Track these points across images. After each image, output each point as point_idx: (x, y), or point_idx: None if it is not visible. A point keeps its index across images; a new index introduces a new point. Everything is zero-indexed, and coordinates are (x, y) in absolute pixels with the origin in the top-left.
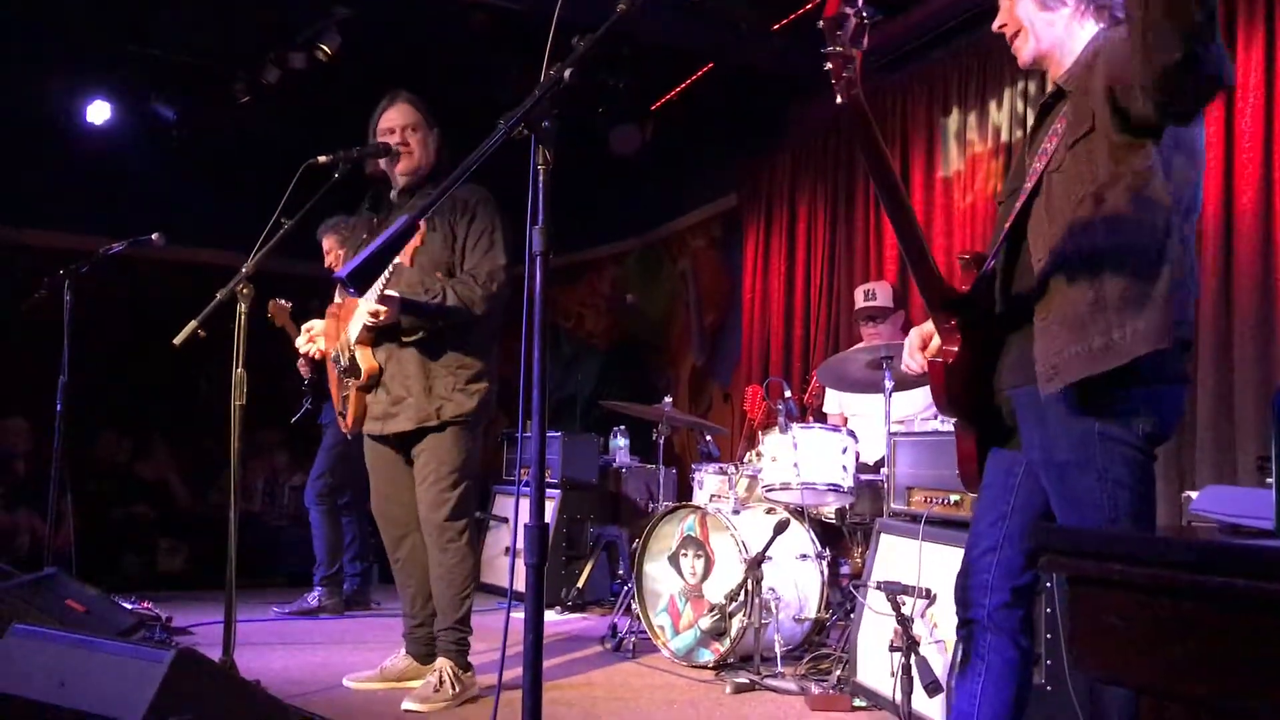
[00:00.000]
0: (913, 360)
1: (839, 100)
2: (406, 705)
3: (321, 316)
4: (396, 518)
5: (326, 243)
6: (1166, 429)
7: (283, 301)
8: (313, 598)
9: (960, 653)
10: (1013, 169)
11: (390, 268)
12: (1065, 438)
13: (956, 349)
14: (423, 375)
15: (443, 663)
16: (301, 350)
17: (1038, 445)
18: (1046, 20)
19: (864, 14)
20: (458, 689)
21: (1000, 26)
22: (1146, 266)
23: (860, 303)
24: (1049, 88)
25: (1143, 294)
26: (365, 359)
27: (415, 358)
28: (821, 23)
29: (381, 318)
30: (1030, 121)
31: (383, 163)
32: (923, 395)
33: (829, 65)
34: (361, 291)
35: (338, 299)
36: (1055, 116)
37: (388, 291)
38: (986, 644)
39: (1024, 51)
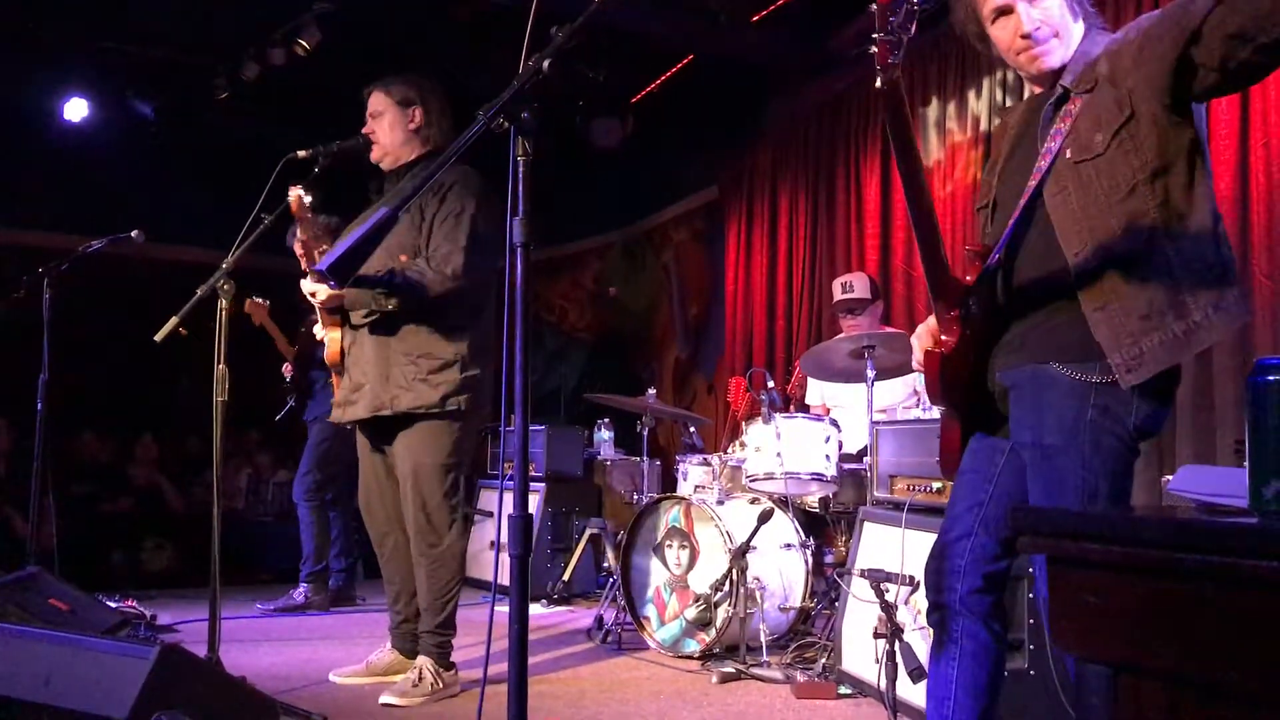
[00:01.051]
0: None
1: (878, 84)
2: (384, 699)
3: (302, 312)
4: (377, 513)
5: (299, 246)
6: (1157, 424)
7: (259, 299)
8: (299, 594)
9: (933, 637)
10: (994, 168)
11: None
12: (1057, 422)
13: (955, 339)
14: (380, 362)
15: (423, 660)
16: (318, 337)
17: (1029, 427)
18: (1069, 28)
19: (917, 2)
20: (438, 686)
21: (1035, 29)
22: (1211, 246)
23: (838, 295)
24: (1031, 88)
25: (1213, 273)
26: (330, 344)
27: (373, 344)
28: (874, 6)
29: (320, 296)
30: (1002, 116)
31: None
32: (904, 384)
33: (874, 50)
34: (342, 284)
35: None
36: (1060, 114)
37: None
38: (959, 628)
39: (1052, 58)
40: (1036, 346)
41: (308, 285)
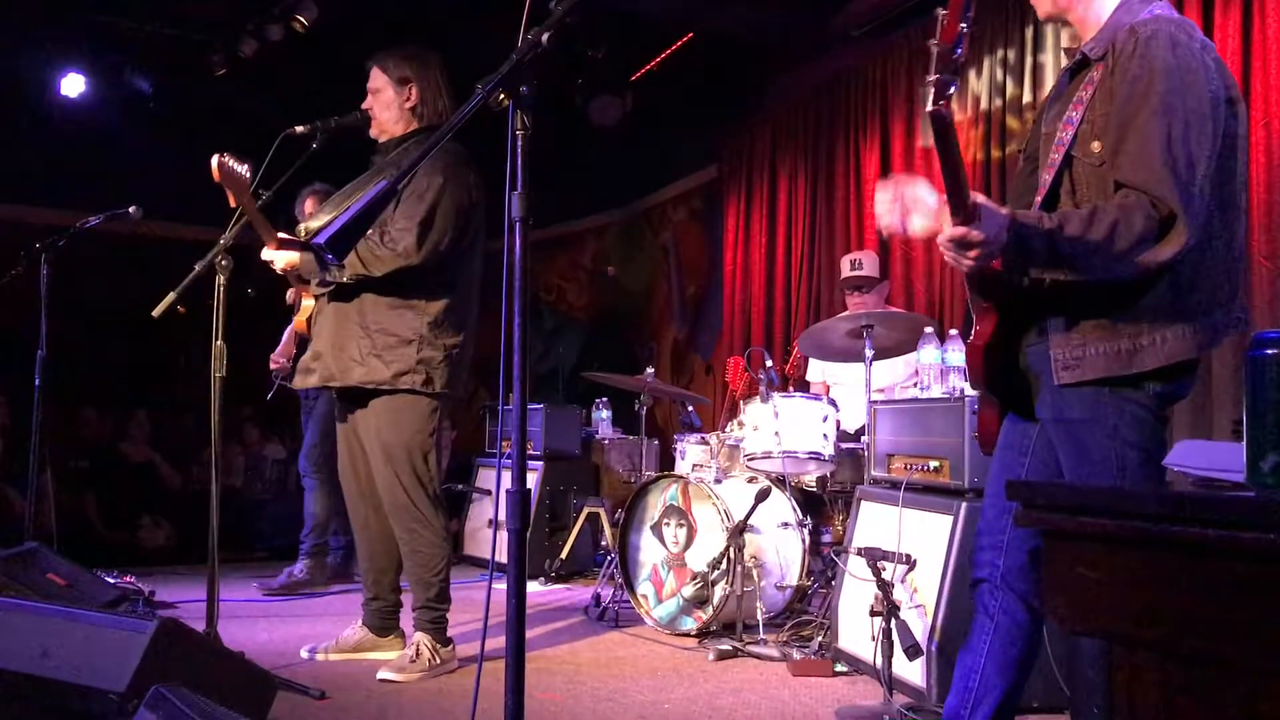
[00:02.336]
0: (889, 216)
1: (930, 109)
2: (382, 675)
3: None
4: (351, 488)
5: (308, 206)
6: (1181, 389)
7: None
8: (299, 569)
9: (970, 611)
10: (1032, 132)
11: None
12: (1076, 396)
13: (991, 329)
14: (336, 334)
15: (420, 637)
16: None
17: (1049, 403)
18: None
19: (970, 25)
20: (436, 661)
21: None
22: (1186, 277)
23: (846, 271)
24: (1065, 43)
25: (1177, 302)
26: (302, 311)
27: (334, 315)
28: (935, 46)
29: (277, 264)
30: (1017, 84)
31: None
32: (904, 364)
33: (932, 82)
34: (340, 257)
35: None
36: (1081, 83)
37: (282, 235)
38: (997, 604)
39: (1045, 3)
40: (1050, 331)
41: (265, 254)
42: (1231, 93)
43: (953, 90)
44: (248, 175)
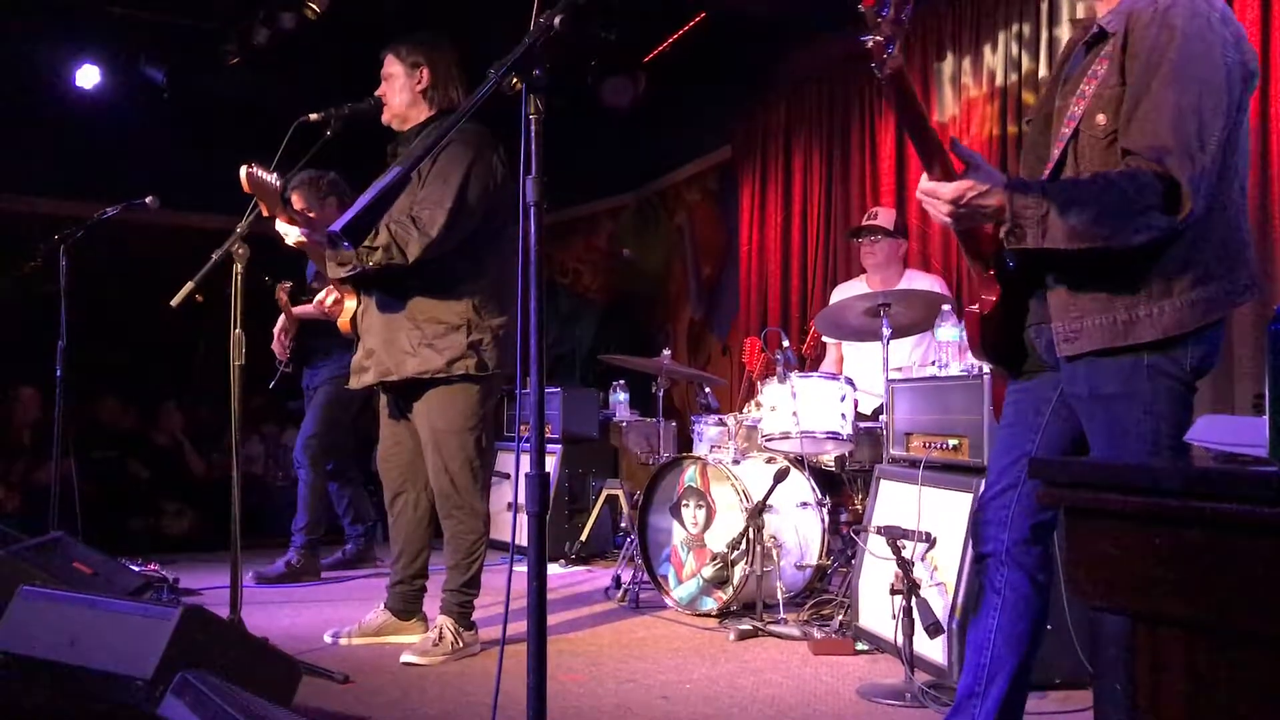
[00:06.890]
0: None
1: (880, 77)
2: (405, 658)
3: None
4: (390, 474)
5: (296, 201)
6: (1213, 358)
7: (286, 283)
8: (294, 558)
9: (976, 586)
10: (1040, 100)
11: None
12: (1115, 370)
13: (995, 299)
14: (385, 328)
15: (444, 620)
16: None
17: (1083, 379)
18: None
19: None
20: (459, 645)
21: None
22: (1183, 247)
23: (863, 221)
24: (1079, 13)
25: (1174, 274)
26: (344, 313)
27: (380, 310)
28: (862, 8)
29: (290, 238)
30: (1032, 57)
31: None
32: (913, 344)
33: (870, 46)
34: (356, 244)
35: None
36: (1095, 57)
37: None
38: (1002, 579)
39: None
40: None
41: (280, 226)
42: (1251, 66)
43: (892, 50)
44: (277, 184)
